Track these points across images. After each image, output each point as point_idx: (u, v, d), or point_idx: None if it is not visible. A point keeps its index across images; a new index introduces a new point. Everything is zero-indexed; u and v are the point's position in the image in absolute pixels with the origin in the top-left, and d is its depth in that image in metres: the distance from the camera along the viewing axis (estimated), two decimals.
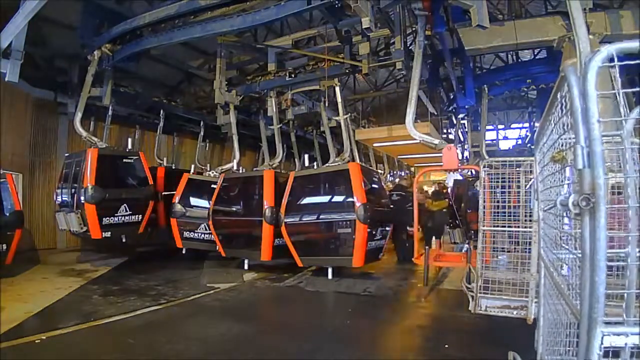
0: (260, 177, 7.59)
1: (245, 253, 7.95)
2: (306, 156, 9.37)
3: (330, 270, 7.02)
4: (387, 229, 7.68)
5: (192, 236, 8.81)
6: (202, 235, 8.73)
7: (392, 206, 8.27)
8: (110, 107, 9.18)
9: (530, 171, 4.41)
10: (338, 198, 7.05)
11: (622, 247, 1.31)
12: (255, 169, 10.02)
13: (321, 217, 7.02)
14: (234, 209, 8.30)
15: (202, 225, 8.68)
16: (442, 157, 5.63)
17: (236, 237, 8.11)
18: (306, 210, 7.20)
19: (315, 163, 12.11)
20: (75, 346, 3.91)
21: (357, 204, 6.44)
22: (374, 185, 7.81)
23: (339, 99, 8.51)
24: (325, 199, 7.32)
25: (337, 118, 8.86)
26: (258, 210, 7.38)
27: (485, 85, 9.61)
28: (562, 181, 1.78)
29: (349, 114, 9.50)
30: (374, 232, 6.86)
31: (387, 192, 8.81)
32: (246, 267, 7.97)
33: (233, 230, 8.12)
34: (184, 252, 9.07)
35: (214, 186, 8.42)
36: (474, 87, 9.41)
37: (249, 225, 7.67)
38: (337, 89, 8.45)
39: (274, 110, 9.35)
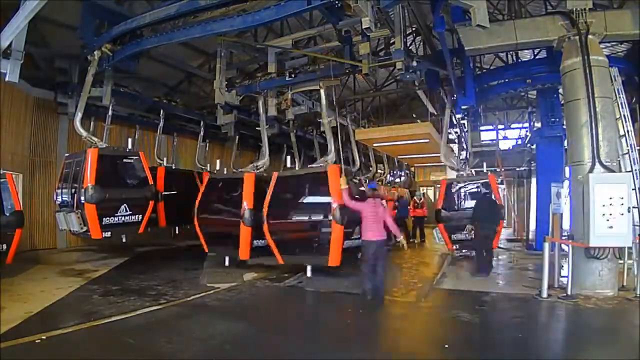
0: (241, 180, 7.70)
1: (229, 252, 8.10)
2: (288, 157, 9.29)
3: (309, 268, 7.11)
4: None
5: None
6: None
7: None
8: (110, 107, 9.16)
9: None
10: (317, 199, 7.19)
11: None
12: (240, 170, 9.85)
13: (301, 217, 7.27)
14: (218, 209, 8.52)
15: None
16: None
17: (221, 237, 8.25)
18: (287, 210, 7.36)
19: (297, 164, 12.42)
20: (75, 346, 3.91)
21: (334, 205, 6.54)
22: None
23: (323, 102, 8.11)
24: (304, 199, 7.51)
25: (330, 118, 8.68)
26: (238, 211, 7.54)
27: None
28: None
29: (332, 118, 9.32)
30: (351, 232, 6.90)
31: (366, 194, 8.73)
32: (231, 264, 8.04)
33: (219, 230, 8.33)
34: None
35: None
36: (474, 87, 9.40)
37: (232, 225, 7.67)
38: (322, 92, 8.06)
39: (263, 110, 9.13)
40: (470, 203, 9.19)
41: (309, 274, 7.08)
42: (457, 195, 9.63)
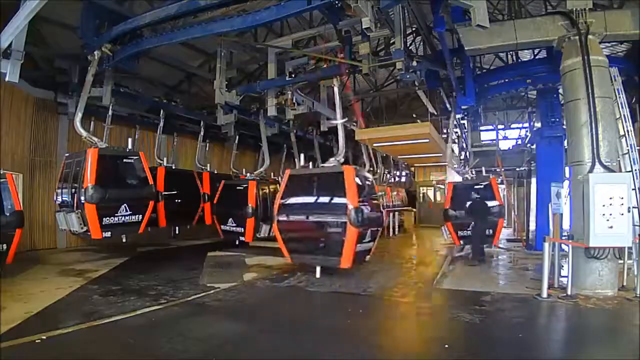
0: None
1: None
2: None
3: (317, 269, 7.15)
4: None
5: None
6: None
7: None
8: (110, 107, 9.16)
9: None
10: None
11: None
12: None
13: None
14: None
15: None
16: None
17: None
18: None
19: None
20: (75, 346, 3.90)
21: None
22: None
23: (337, 100, 8.02)
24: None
25: (334, 122, 8.51)
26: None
27: None
28: None
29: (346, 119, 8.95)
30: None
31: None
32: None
33: None
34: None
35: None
36: (474, 87, 9.41)
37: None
38: (336, 89, 7.97)
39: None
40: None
41: (318, 275, 7.06)
42: (462, 197, 10.05)
